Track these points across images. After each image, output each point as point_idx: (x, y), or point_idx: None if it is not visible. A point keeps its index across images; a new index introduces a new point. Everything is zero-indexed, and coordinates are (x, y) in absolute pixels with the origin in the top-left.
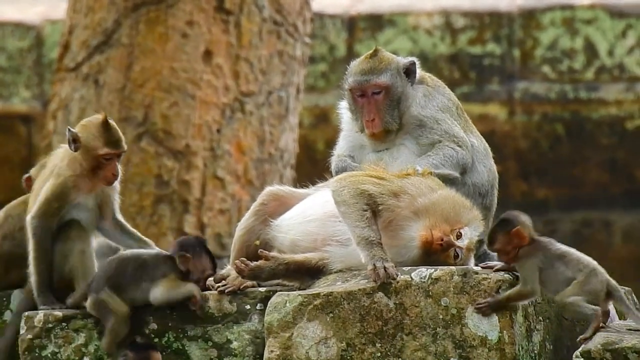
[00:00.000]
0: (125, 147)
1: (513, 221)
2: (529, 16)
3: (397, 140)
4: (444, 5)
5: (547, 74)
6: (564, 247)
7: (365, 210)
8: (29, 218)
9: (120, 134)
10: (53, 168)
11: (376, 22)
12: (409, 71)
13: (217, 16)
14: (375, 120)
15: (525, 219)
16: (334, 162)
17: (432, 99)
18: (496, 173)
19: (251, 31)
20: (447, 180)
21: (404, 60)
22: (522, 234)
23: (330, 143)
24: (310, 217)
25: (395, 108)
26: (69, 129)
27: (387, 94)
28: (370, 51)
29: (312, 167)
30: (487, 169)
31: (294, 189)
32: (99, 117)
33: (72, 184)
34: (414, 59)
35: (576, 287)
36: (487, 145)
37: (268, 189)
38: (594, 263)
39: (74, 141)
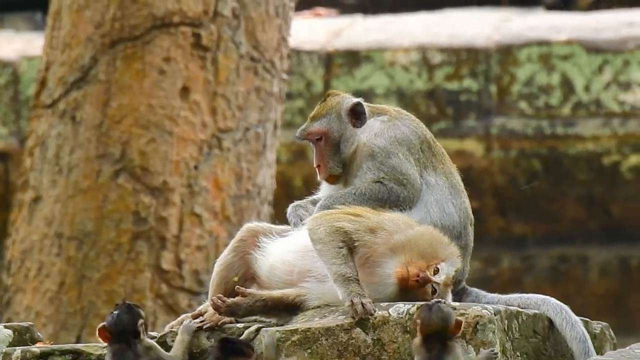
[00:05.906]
0: None
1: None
2: (506, 52)
3: (353, 176)
4: (420, 42)
5: (524, 109)
6: None
7: (341, 248)
8: None
9: None
10: None
11: (353, 58)
12: (354, 112)
13: (194, 53)
14: (320, 167)
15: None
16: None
17: (392, 128)
18: (469, 211)
19: (228, 68)
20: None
21: (348, 102)
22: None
23: (308, 179)
24: (291, 248)
25: (337, 152)
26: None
27: (327, 140)
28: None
29: (289, 204)
30: (457, 208)
31: (272, 225)
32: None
33: None
34: (360, 99)
35: None
36: (458, 182)
37: (247, 226)
38: None
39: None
